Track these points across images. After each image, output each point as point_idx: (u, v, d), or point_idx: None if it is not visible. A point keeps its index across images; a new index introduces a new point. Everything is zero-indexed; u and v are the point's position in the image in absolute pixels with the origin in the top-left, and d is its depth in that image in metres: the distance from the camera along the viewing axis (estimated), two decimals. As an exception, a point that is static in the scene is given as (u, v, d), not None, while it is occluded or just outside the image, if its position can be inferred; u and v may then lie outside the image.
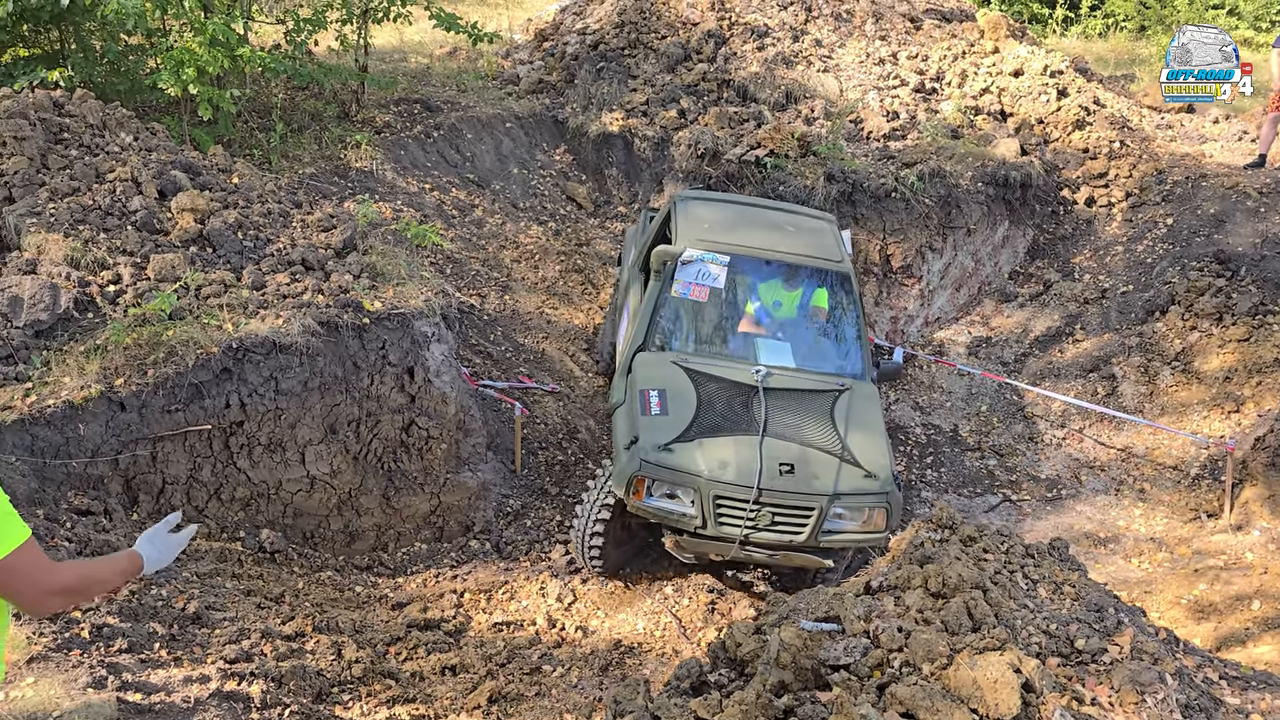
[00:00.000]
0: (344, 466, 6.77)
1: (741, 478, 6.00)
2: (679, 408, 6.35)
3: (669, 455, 6.09)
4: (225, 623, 5.12)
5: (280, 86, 10.56)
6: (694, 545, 6.31)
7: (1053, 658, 3.61)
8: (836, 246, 7.71)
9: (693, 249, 7.20)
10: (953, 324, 10.83)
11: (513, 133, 11.32)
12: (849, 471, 6.19)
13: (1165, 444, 9.05)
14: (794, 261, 7.38)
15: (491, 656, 5.86)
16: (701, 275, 7.12)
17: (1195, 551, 7.76)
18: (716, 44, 12.04)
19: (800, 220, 8.10)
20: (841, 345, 7.32)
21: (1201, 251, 10.10)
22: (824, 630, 3.49)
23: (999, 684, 3.07)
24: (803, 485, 6.07)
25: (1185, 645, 4.47)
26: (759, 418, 6.28)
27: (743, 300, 7.32)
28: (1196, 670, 4.14)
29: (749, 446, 6.12)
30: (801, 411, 6.47)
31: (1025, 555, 4.29)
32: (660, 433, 6.19)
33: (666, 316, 7.11)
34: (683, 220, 7.61)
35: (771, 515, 6.05)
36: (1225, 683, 4.18)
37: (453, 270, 9.26)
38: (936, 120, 11.61)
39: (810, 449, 6.23)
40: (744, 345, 7.07)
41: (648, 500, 6.16)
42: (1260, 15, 18.63)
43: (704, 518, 6.06)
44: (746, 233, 7.59)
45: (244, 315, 6.45)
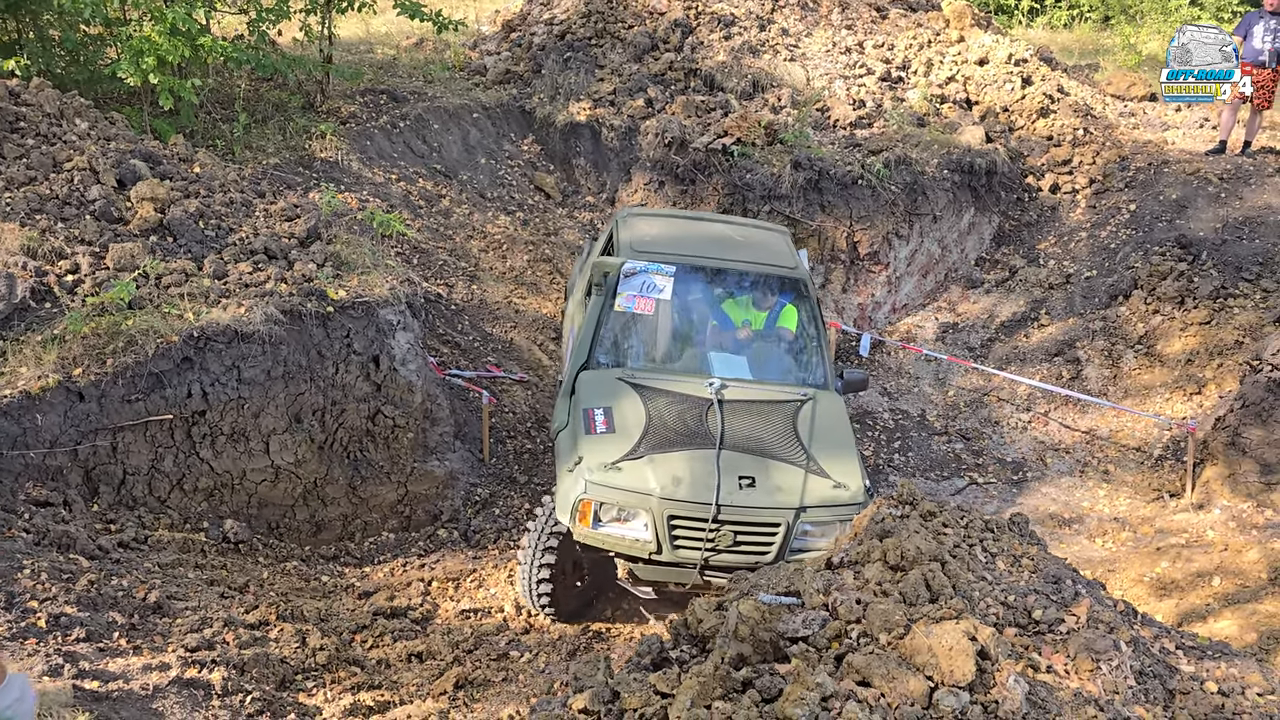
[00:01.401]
0: (309, 456, 6.73)
1: (697, 494, 5.48)
2: (627, 425, 5.86)
3: (617, 475, 5.56)
4: (187, 612, 5.07)
5: (243, 77, 10.46)
6: (650, 574, 5.74)
7: (1010, 628, 3.64)
8: (790, 254, 7.31)
9: (635, 260, 6.72)
10: (920, 310, 10.90)
11: (480, 123, 11.27)
12: (816, 483, 5.69)
13: (1129, 426, 9.15)
14: (744, 269, 6.95)
15: (459, 643, 5.84)
16: (646, 287, 6.62)
17: (1158, 530, 7.86)
18: (683, 33, 12.04)
19: (751, 231, 7.78)
20: (801, 355, 6.88)
21: (1164, 236, 10.22)
22: (783, 603, 3.51)
23: (954, 651, 3.09)
24: (766, 499, 5.56)
25: (1143, 617, 4.52)
26: (715, 430, 5.79)
27: (691, 312, 6.92)
28: (1154, 640, 4.19)
29: (705, 461, 5.62)
30: (761, 423, 5.99)
31: (984, 529, 4.32)
32: (607, 451, 5.68)
33: (610, 332, 6.63)
34: (625, 234, 7.20)
35: (733, 535, 5.51)
36: (1181, 652, 4.23)
37: (419, 260, 9.22)
38: (902, 108, 11.67)
39: (772, 461, 5.75)
40: (695, 358, 6.64)
41: (596, 526, 5.57)
42: (1222, 6, 18.87)
43: (659, 542, 5.52)
44: (693, 244, 7.18)
45: (205, 304, 6.39)
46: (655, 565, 5.66)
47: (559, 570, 6.05)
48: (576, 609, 6.38)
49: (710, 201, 10.44)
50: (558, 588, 6.09)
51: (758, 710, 3.03)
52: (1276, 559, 6.92)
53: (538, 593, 6.03)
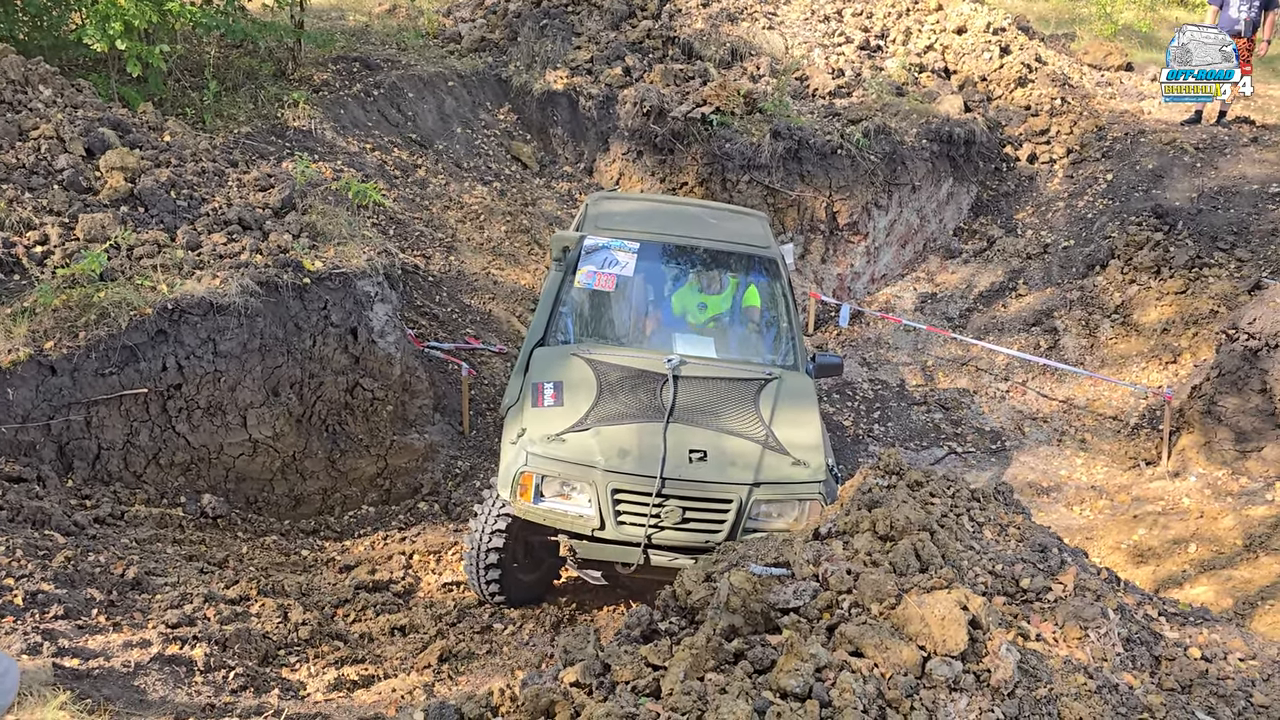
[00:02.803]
0: (287, 429, 6.64)
1: (644, 466, 5.20)
2: (576, 398, 5.60)
3: (560, 446, 5.31)
4: (166, 588, 5.00)
5: (213, 43, 10.23)
6: (593, 553, 5.43)
7: (999, 596, 3.66)
8: (764, 234, 7.09)
9: (597, 236, 6.51)
10: (899, 280, 10.91)
11: (455, 91, 11.11)
12: (774, 459, 5.38)
13: (1105, 395, 9.22)
14: (712, 247, 6.72)
15: (441, 616, 5.81)
16: (608, 263, 6.38)
17: (1134, 498, 7.93)
18: (661, 1, 11.90)
19: (725, 214, 7.58)
20: (769, 335, 6.63)
21: (1140, 206, 10.26)
22: (773, 574, 3.50)
23: (946, 620, 3.09)
24: (717, 473, 5.27)
25: (1127, 584, 4.56)
26: (667, 403, 5.53)
27: (655, 289, 6.71)
28: (1137, 607, 4.22)
29: (653, 433, 5.35)
30: (719, 398, 5.71)
31: (971, 499, 4.32)
32: (551, 423, 5.44)
33: (569, 309, 6.39)
34: (593, 213, 7.01)
35: (682, 511, 5.22)
36: (1164, 619, 4.27)
37: (396, 231, 9.10)
38: (881, 77, 11.61)
39: (727, 435, 5.46)
40: (658, 337, 6.39)
41: (537, 502, 5.31)
42: (1197, -24, 18.86)
43: (602, 517, 5.23)
44: (661, 221, 6.99)
45: (179, 276, 6.27)
46: (599, 543, 5.36)
47: (508, 555, 5.76)
48: (525, 596, 6.06)
49: (689, 171, 10.37)
50: (506, 573, 5.80)
51: (751, 681, 3.02)
52: (1251, 526, 7.00)
53: (485, 579, 5.76)
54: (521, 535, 5.74)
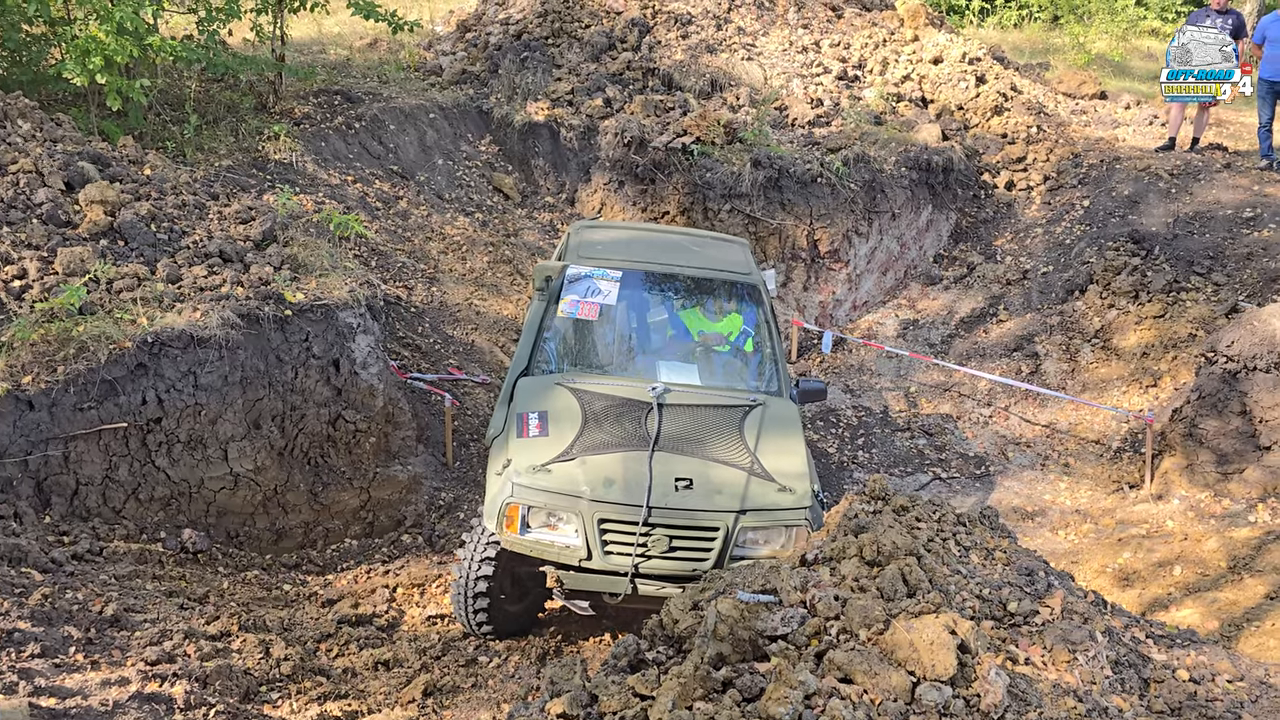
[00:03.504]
0: (269, 462, 6.58)
1: (630, 496, 5.20)
2: (561, 428, 5.59)
3: (546, 476, 5.30)
4: (145, 624, 4.93)
5: (193, 77, 10.24)
6: (580, 583, 5.39)
7: (986, 620, 3.65)
8: (745, 262, 7.11)
9: (580, 265, 6.54)
10: (880, 307, 10.96)
11: (436, 124, 11.15)
12: (759, 486, 5.38)
13: (1088, 419, 9.26)
14: (694, 274, 6.77)
15: (426, 650, 5.74)
16: (591, 292, 6.41)
17: (1119, 521, 7.95)
18: (641, 32, 12.01)
19: (707, 241, 7.60)
20: (753, 361, 6.62)
21: (1117, 232, 10.37)
22: (761, 601, 3.47)
23: (935, 645, 3.08)
24: (703, 502, 5.26)
25: (1114, 607, 4.56)
26: (651, 432, 5.53)
27: (638, 317, 6.71)
28: (1124, 630, 4.22)
29: (639, 462, 5.35)
30: (704, 426, 5.71)
31: (957, 523, 4.33)
32: (537, 454, 5.43)
33: (552, 338, 6.42)
34: (575, 242, 7.06)
35: (668, 539, 5.21)
36: (1152, 641, 4.27)
37: (378, 262, 9.08)
38: (860, 107, 11.73)
39: (712, 463, 5.46)
40: (642, 364, 6.38)
41: (524, 533, 5.30)
42: (1166, 6, 19.24)
43: (589, 547, 5.23)
44: (642, 249, 7.02)
45: (159, 309, 6.23)
46: (586, 573, 5.35)
47: (496, 587, 5.71)
48: (514, 627, 6.00)
49: (670, 200, 10.42)
50: (494, 605, 5.75)
51: (739, 710, 3.00)
52: (1234, 547, 7.03)
53: (474, 609, 5.71)
54: (509, 566, 5.70)
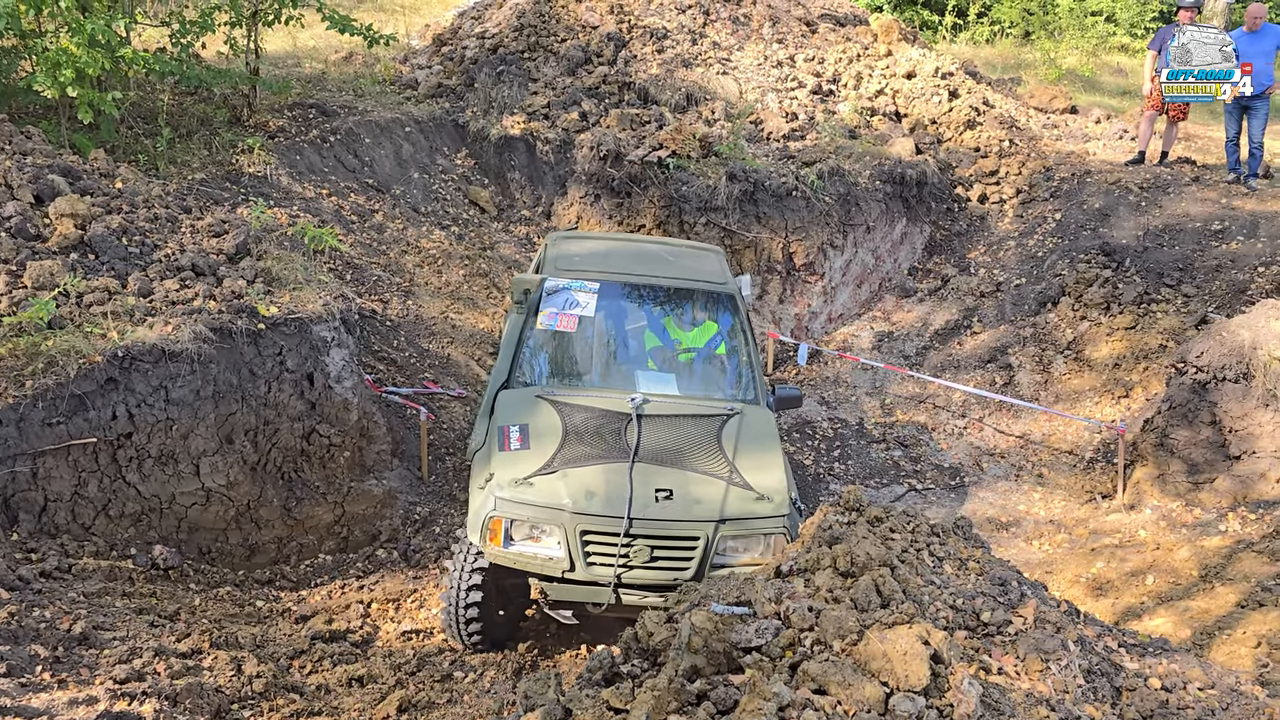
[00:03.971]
0: (241, 478, 6.53)
1: (611, 507, 5.31)
2: (542, 441, 5.68)
3: (528, 490, 5.40)
4: (115, 642, 4.86)
5: (166, 90, 10.18)
6: (564, 594, 5.52)
7: (960, 630, 3.65)
8: (721, 271, 7.21)
9: (557, 278, 6.65)
10: (856, 319, 11.02)
11: (412, 137, 11.13)
12: (738, 495, 5.50)
13: (1061, 430, 9.34)
14: (671, 285, 6.87)
15: (400, 665, 5.70)
16: (569, 304, 6.52)
17: (1092, 531, 8.01)
18: (616, 47, 12.05)
19: (683, 250, 7.69)
20: (730, 370, 6.71)
21: (1088, 244, 10.48)
22: (735, 614, 3.47)
23: (908, 656, 3.08)
24: (683, 512, 5.38)
25: (1087, 616, 4.58)
26: (631, 443, 5.63)
27: (616, 328, 6.81)
28: (1097, 639, 4.24)
29: (619, 473, 5.46)
30: (682, 436, 5.80)
31: (930, 534, 4.34)
32: (519, 467, 5.52)
33: (532, 350, 6.50)
34: (553, 254, 7.13)
35: (650, 550, 5.32)
36: (1124, 650, 4.29)
37: (353, 276, 9.04)
38: (834, 121, 11.82)
39: (692, 473, 5.57)
40: (620, 375, 6.48)
41: (507, 546, 5.41)
42: (1135, 22, 19.50)
43: (572, 559, 5.34)
44: (619, 260, 7.10)
45: (130, 323, 6.18)
46: (569, 584, 5.46)
47: (486, 600, 5.79)
48: (503, 636, 6.11)
49: (647, 214, 10.44)
50: (485, 618, 5.82)
51: (714, 722, 2.99)
52: (1206, 556, 7.09)
53: (466, 625, 5.79)
54: (495, 578, 5.76)
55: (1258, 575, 6.61)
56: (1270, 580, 6.50)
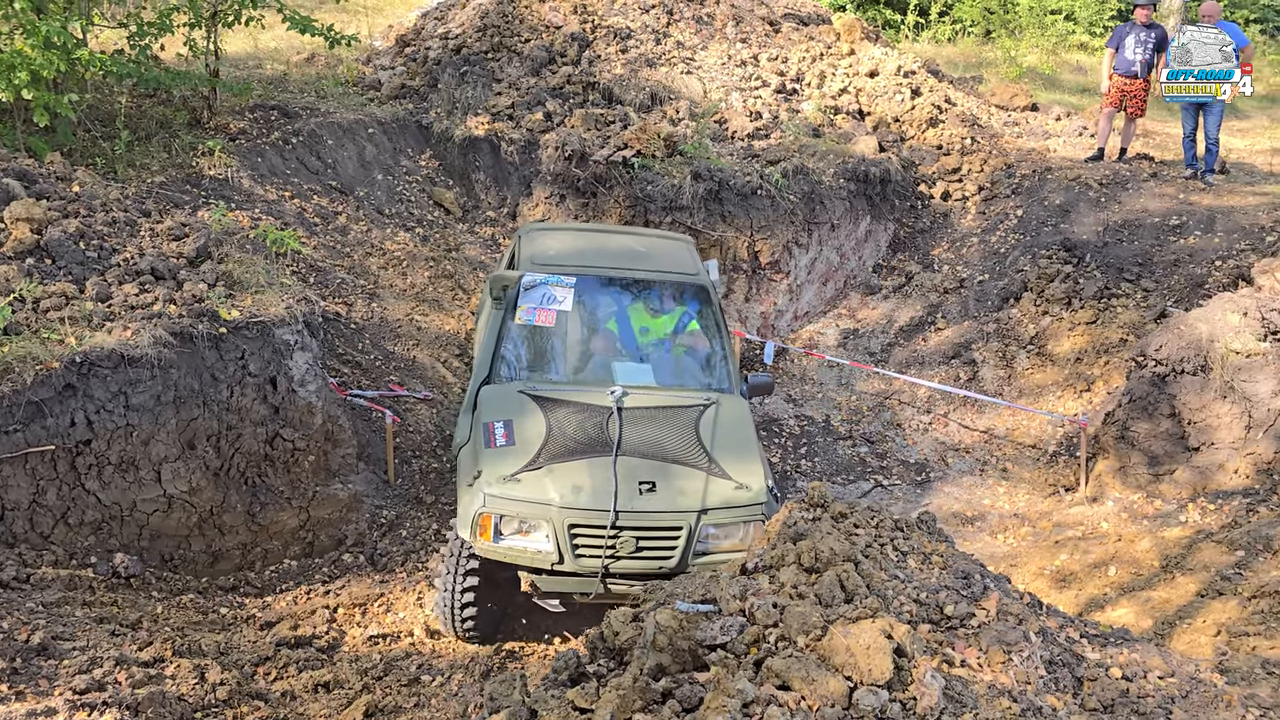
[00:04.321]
0: (204, 483, 6.45)
1: (597, 502, 5.50)
2: (527, 437, 5.85)
3: (516, 486, 5.58)
4: (74, 652, 4.79)
5: (125, 92, 10.05)
6: (553, 585, 5.72)
7: (923, 624, 3.68)
8: (692, 262, 7.37)
9: (534, 272, 6.79)
10: (821, 317, 11.08)
11: (376, 138, 11.06)
12: (718, 485, 5.71)
13: (1024, 424, 9.44)
14: (645, 278, 7.03)
15: (367, 670, 5.67)
16: (546, 299, 6.67)
17: (1055, 524, 8.10)
18: (580, 47, 12.04)
19: (654, 241, 7.84)
20: (705, 360, 6.93)
21: (1050, 240, 10.60)
22: (700, 611, 3.48)
23: (871, 650, 3.10)
24: (666, 503, 5.58)
25: (1049, 608, 4.63)
26: (614, 437, 5.81)
27: (593, 322, 6.95)
28: (1059, 630, 4.29)
29: (604, 468, 5.64)
30: (662, 428, 5.99)
31: (895, 529, 4.37)
32: (506, 464, 5.68)
33: (511, 346, 6.66)
34: (526, 248, 7.24)
35: (635, 540, 5.53)
36: (1086, 640, 4.34)
37: (316, 279, 8.97)
38: (798, 119, 11.87)
39: (673, 465, 5.76)
40: (599, 369, 6.65)
41: (497, 540, 5.58)
42: (1094, 20, 19.75)
43: (560, 552, 5.53)
44: (594, 254, 7.25)
45: (88, 328, 6.09)
46: (558, 576, 5.67)
47: (481, 593, 5.93)
48: (491, 628, 6.26)
49: (612, 214, 10.43)
50: (480, 611, 5.97)
51: (679, 720, 2.99)
52: (1167, 547, 7.19)
53: (461, 617, 5.92)
54: (486, 571, 5.93)
55: (1217, 565, 6.72)
56: (1229, 569, 6.61)
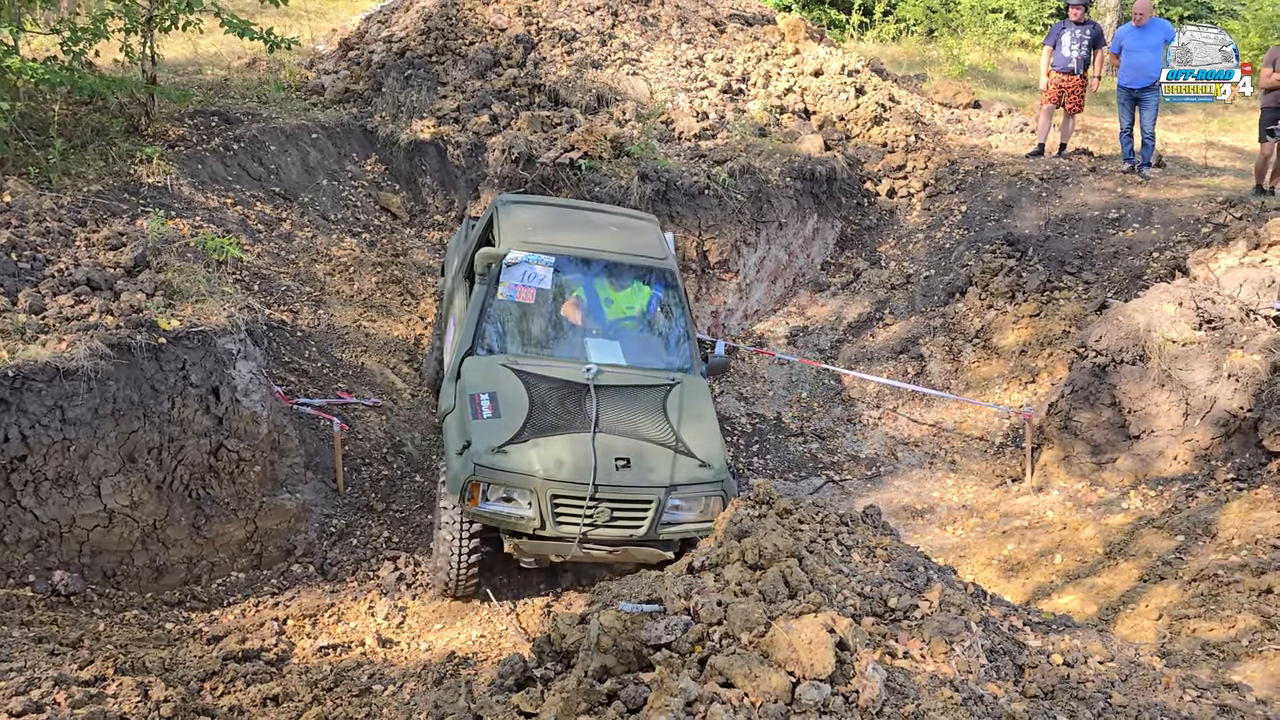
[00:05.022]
0: (146, 497, 6.34)
1: (578, 475, 6.06)
2: (511, 410, 6.35)
3: (503, 457, 6.10)
4: (11, 673, 4.68)
5: (58, 100, 9.84)
6: (534, 548, 6.31)
7: (868, 617, 3.72)
8: (660, 245, 7.84)
9: (517, 250, 7.20)
10: (771, 315, 11.14)
11: (320, 143, 10.93)
12: (684, 462, 6.33)
13: (971, 417, 9.56)
14: (620, 260, 7.48)
15: (317, 682, 5.59)
16: (527, 277, 7.15)
17: (1003, 514, 8.22)
18: (525, 49, 12.00)
19: (623, 220, 8.22)
20: (670, 341, 7.46)
21: (993, 235, 10.75)
22: (645, 611, 3.48)
23: (814, 644, 3.12)
24: (639, 479, 6.18)
25: (993, 597, 4.69)
26: (592, 415, 6.35)
27: (568, 299, 7.33)
28: (1002, 619, 4.35)
29: (584, 444, 6.18)
30: (634, 407, 6.57)
31: (839, 523, 4.40)
32: (493, 435, 6.18)
33: (494, 319, 7.09)
34: (505, 223, 7.59)
35: (610, 511, 6.12)
36: (1028, 628, 4.41)
37: (260, 286, 8.84)
38: (744, 119, 11.92)
39: (645, 442, 6.34)
40: (574, 345, 7.12)
41: (484, 505, 6.13)
42: (1034, 19, 20.06)
43: (542, 518, 6.09)
44: (571, 233, 7.63)
45: (21, 341, 5.96)
46: (539, 540, 6.23)
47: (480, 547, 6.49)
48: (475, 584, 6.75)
49: (560, 216, 10.39)
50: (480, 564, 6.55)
51: (624, 721, 2.99)
52: (1110, 534, 7.33)
53: (465, 576, 6.49)
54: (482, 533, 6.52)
55: (1158, 550, 6.86)
56: (1169, 554, 6.75)
